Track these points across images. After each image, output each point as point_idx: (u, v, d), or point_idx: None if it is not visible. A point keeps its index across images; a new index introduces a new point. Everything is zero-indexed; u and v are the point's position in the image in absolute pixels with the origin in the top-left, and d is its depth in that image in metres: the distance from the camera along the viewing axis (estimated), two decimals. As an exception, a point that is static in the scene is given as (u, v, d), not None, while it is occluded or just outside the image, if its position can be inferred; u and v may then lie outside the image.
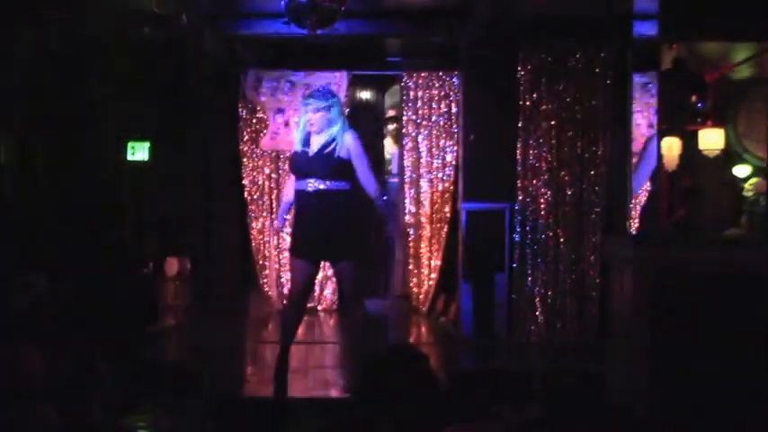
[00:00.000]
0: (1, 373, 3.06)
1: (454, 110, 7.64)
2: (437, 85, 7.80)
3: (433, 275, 7.85)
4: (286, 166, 7.19)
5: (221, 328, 7.16)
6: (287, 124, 7.50)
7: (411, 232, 7.89)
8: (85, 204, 7.08)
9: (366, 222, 5.21)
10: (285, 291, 7.60)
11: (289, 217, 5.61)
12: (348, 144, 5.01)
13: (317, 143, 5.04)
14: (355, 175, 5.03)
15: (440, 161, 7.81)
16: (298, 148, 5.13)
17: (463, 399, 4.49)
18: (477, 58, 6.80)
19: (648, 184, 7.37)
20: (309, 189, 4.99)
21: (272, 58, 7.64)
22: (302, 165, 5.05)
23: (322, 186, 4.96)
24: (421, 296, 7.90)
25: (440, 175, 7.81)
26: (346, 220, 5.02)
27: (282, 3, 5.20)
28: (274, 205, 7.89)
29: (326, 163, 4.97)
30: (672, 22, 5.00)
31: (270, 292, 7.93)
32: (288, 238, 6.63)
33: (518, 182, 6.60)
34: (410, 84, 7.83)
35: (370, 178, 5.02)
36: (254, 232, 7.92)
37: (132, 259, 7.39)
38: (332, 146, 4.99)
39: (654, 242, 4.79)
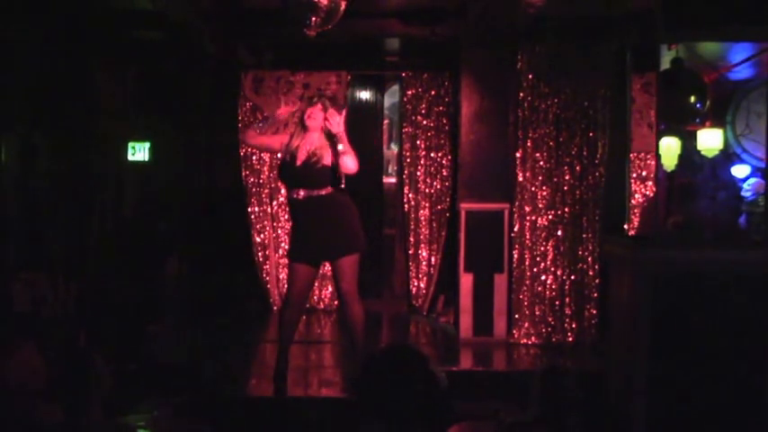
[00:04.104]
0: (2, 373, 3.06)
1: (453, 110, 7.64)
2: (436, 85, 7.81)
3: (432, 275, 7.85)
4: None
5: (221, 328, 7.16)
6: (286, 125, 7.49)
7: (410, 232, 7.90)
8: (87, 204, 7.09)
9: (360, 218, 5.23)
10: (285, 291, 7.60)
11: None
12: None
13: (303, 152, 5.05)
14: (342, 176, 5.09)
15: (439, 161, 7.82)
16: (289, 142, 5.14)
17: (463, 399, 4.50)
18: (476, 58, 6.81)
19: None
20: (300, 197, 5.03)
21: (272, 58, 7.64)
22: (289, 176, 5.10)
23: (313, 193, 5.00)
24: (420, 296, 7.90)
25: (439, 175, 7.82)
26: (340, 219, 5.07)
27: (282, 2, 5.20)
28: (275, 205, 7.90)
29: (313, 173, 5.00)
30: (671, 23, 5.00)
31: (270, 292, 7.94)
32: (287, 238, 6.64)
33: (518, 182, 6.60)
34: (409, 84, 7.84)
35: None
36: (255, 231, 7.93)
37: (132, 259, 7.39)
38: (317, 156, 5.01)
39: (653, 243, 4.80)
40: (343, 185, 5.15)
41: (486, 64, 6.77)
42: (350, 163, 4.99)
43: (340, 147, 4.96)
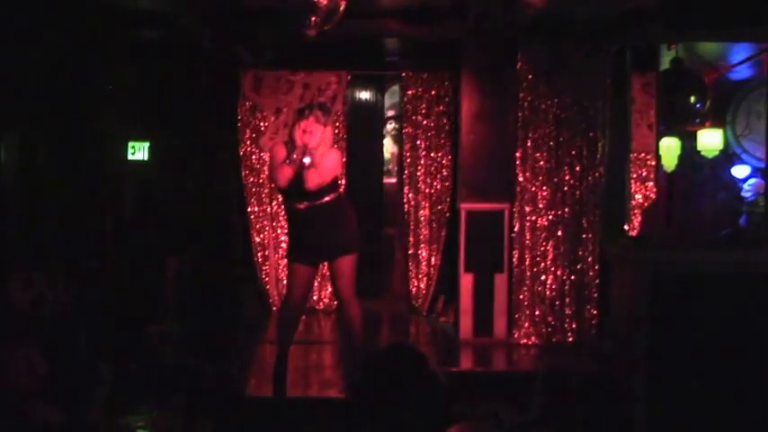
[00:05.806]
0: (2, 373, 3.06)
1: (453, 110, 7.64)
2: (436, 85, 7.81)
3: (432, 275, 7.85)
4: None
5: (221, 329, 7.16)
6: (286, 125, 7.49)
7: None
8: (86, 204, 7.09)
9: (358, 220, 5.23)
10: (285, 291, 7.60)
11: None
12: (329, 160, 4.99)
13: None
14: (338, 182, 5.07)
15: (439, 161, 7.82)
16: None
17: (463, 399, 4.50)
18: (476, 58, 6.80)
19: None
20: (298, 206, 5.02)
21: (272, 58, 7.64)
22: (289, 189, 5.06)
23: (314, 203, 4.99)
24: (420, 296, 7.90)
25: (439, 175, 7.82)
26: (338, 221, 5.07)
27: (282, 2, 5.20)
28: (274, 205, 7.90)
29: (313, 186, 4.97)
30: (671, 23, 5.00)
31: (270, 292, 7.94)
32: (287, 239, 6.63)
33: (518, 182, 6.60)
34: (409, 84, 7.84)
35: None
36: (254, 231, 7.93)
37: (133, 259, 7.39)
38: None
39: (653, 243, 4.80)
40: (342, 190, 5.15)
41: (486, 64, 6.76)
42: (312, 176, 4.86)
43: (306, 160, 4.83)
